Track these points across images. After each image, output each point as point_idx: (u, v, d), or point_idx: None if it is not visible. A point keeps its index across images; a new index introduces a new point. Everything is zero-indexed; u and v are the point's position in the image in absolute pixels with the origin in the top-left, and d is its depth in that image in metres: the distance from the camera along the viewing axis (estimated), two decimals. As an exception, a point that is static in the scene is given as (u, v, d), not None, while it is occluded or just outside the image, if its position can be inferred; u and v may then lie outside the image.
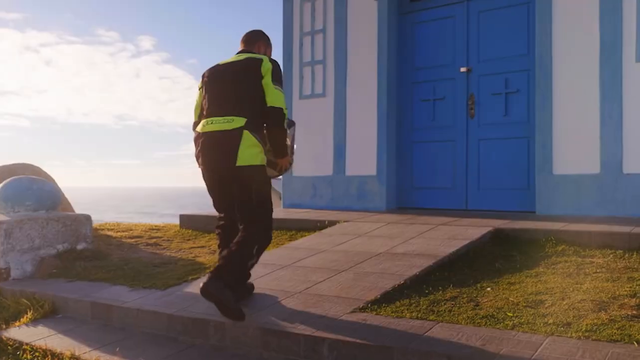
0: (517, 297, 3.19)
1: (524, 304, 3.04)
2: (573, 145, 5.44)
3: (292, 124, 3.60)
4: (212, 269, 3.23)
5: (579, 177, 5.39)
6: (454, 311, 3.02)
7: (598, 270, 3.67)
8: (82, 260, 5.07)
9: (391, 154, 6.64)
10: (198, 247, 5.82)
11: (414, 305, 3.15)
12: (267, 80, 3.26)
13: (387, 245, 4.52)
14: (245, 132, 3.20)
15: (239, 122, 3.21)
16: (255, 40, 3.59)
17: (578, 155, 5.41)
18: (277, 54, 7.55)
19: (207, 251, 5.51)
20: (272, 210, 3.42)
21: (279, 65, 3.39)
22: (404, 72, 6.74)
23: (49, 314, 4.00)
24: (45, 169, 7.62)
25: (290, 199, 7.29)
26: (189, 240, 6.29)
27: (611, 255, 4.01)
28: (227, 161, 3.21)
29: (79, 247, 5.23)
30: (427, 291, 3.40)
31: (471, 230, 4.72)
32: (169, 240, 6.35)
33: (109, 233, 6.86)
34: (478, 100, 6.21)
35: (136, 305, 3.60)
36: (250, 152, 3.21)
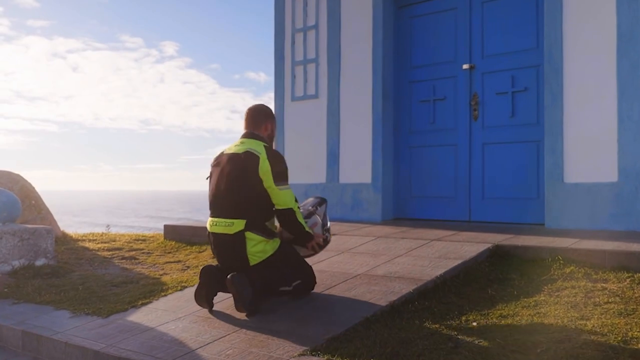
0: (506, 336, 2.62)
1: (513, 348, 2.47)
2: (587, 149, 4.81)
3: (323, 201, 3.68)
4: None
5: (594, 186, 4.76)
6: (424, 356, 2.46)
7: (610, 300, 3.07)
8: (40, 277, 4.63)
9: (387, 160, 6.08)
10: (174, 261, 5.34)
11: (379, 345, 2.60)
12: (269, 184, 3.25)
13: (368, 264, 3.97)
14: (247, 234, 3.21)
15: (239, 225, 3.22)
16: (262, 121, 3.54)
17: (593, 161, 4.78)
18: (268, 52, 7.05)
19: (180, 267, 5.03)
20: (309, 267, 3.47)
21: (279, 158, 3.36)
22: (401, 70, 6.18)
23: (-20, 343, 3.55)
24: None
25: (282, 208, 6.76)
26: (169, 253, 5.82)
27: (627, 280, 3.40)
28: (240, 264, 3.23)
29: (38, 263, 4.79)
30: (399, 326, 2.85)
31: (467, 247, 4.15)
32: (148, 253, 5.90)
33: (88, 245, 6.45)
34: (482, 100, 5.61)
35: (66, 338, 3.12)
36: (257, 249, 3.23)
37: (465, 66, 5.69)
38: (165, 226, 6.46)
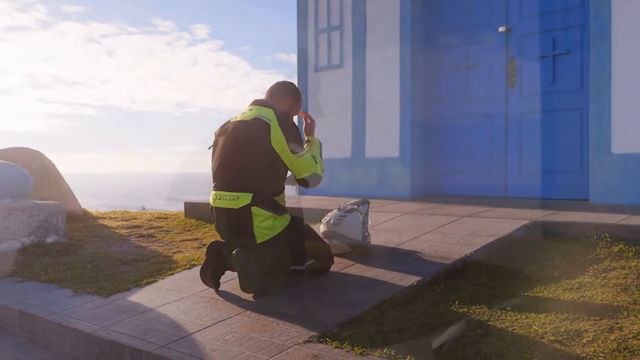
0: (544, 323, 2.25)
1: (552, 337, 2.11)
2: (637, 116, 4.33)
3: (365, 201, 3.69)
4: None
5: (646, 157, 4.29)
6: (448, 345, 2.12)
7: (667, 283, 2.67)
8: (50, 255, 4.45)
9: (417, 133, 5.69)
10: (191, 239, 5.12)
11: (396, 332, 2.27)
12: (286, 154, 2.99)
13: (391, 242, 3.63)
14: (254, 209, 2.93)
15: (245, 198, 2.93)
16: (282, 95, 3.28)
17: (644, 130, 4.31)
18: (291, 21, 6.72)
19: (196, 245, 4.80)
20: (326, 244, 3.24)
21: (290, 122, 3.12)
22: (431, 35, 5.75)
23: (-21, 323, 3.37)
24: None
25: (306, 184, 6.46)
26: (188, 231, 5.61)
27: (687, 260, 2.98)
28: (246, 242, 2.95)
29: (49, 240, 4.61)
30: (421, 310, 2.51)
31: (501, 223, 3.76)
32: (167, 231, 5.69)
33: (107, 222, 6.29)
34: (520, 65, 5.16)
35: (60, 319, 2.89)
36: (265, 225, 2.95)
37: (501, 29, 5.23)
38: (186, 204, 6.24)
